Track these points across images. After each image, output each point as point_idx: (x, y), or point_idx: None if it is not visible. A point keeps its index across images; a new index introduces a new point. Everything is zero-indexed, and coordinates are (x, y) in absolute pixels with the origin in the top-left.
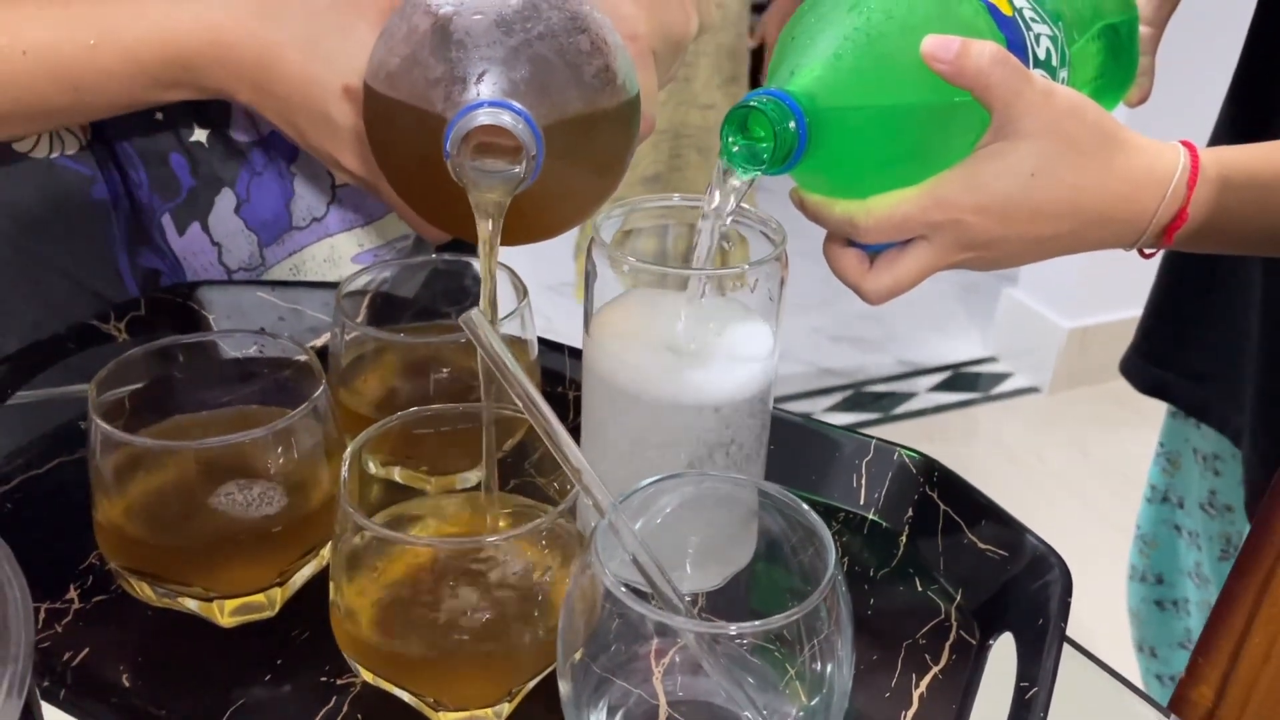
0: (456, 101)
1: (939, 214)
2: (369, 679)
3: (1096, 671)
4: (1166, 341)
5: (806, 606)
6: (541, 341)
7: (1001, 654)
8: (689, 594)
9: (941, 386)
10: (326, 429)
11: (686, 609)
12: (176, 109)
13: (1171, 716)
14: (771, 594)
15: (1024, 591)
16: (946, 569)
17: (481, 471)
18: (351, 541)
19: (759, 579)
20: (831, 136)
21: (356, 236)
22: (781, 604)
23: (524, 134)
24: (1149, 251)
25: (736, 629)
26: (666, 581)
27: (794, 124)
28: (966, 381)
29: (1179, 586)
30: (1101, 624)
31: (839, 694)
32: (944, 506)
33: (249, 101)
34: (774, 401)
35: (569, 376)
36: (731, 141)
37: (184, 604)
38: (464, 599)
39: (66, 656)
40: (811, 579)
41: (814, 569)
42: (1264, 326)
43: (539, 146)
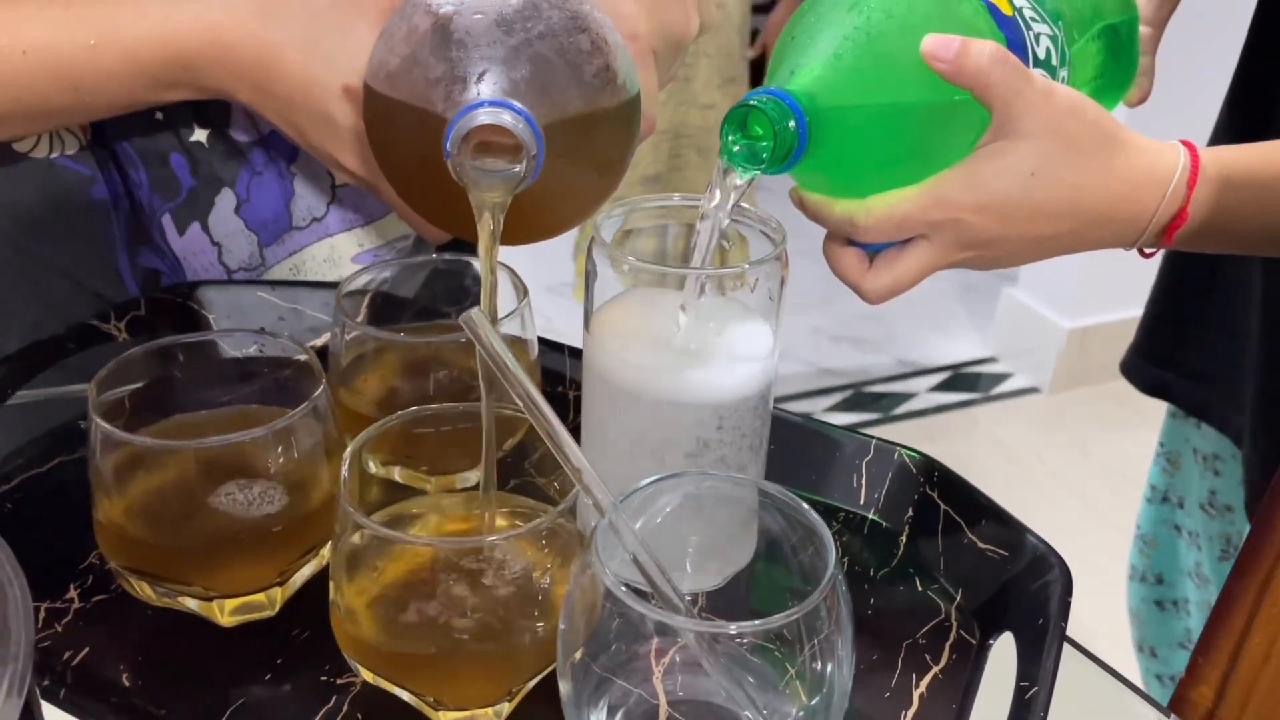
0: (457, 101)
1: (939, 213)
2: (369, 678)
3: (1097, 671)
4: (1167, 341)
5: (807, 606)
6: (541, 341)
7: (1001, 654)
8: (689, 593)
9: (941, 386)
10: (326, 428)
11: (686, 608)
12: (176, 109)
13: (1171, 716)
14: (771, 593)
15: (1024, 591)
16: (947, 569)
17: (481, 471)
18: (351, 541)
19: (759, 578)
20: (831, 136)
21: (356, 236)
22: (782, 603)
23: (524, 133)
24: (1149, 251)
25: (736, 628)
26: (667, 581)
27: (794, 123)
28: (966, 382)
29: (1179, 586)
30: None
31: (839, 693)
32: (944, 506)
33: (249, 101)
34: (774, 401)
35: (569, 376)
36: (731, 140)
37: (184, 603)
38: (464, 598)
39: (66, 656)
40: (811, 578)
41: (814, 568)
42: (1264, 326)
43: (539, 146)
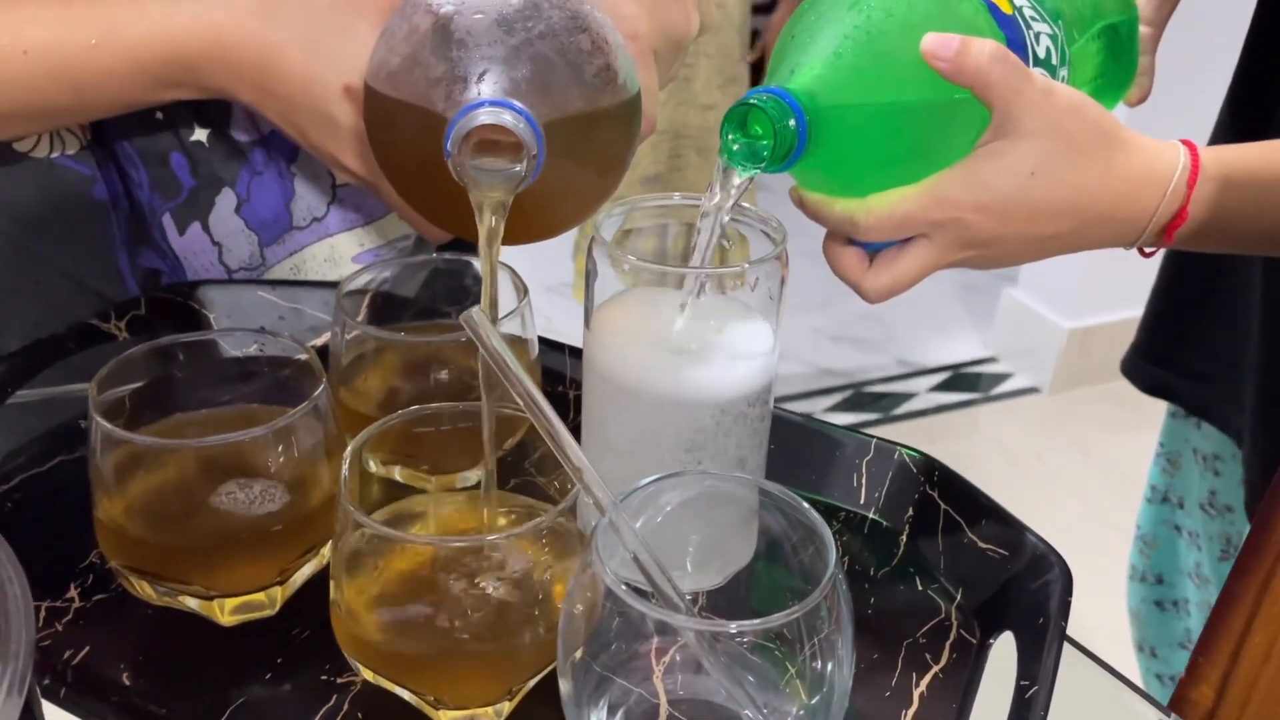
0: (457, 100)
1: (939, 212)
2: (369, 677)
3: (1097, 671)
4: (1168, 341)
5: (807, 605)
6: (542, 341)
7: (1002, 653)
8: (689, 593)
9: (942, 387)
10: (327, 428)
11: (687, 607)
12: (177, 109)
13: (1172, 715)
14: (772, 593)
15: (1024, 591)
16: (947, 568)
17: (482, 470)
18: (352, 540)
19: (759, 578)
20: (831, 134)
21: (357, 236)
22: (782, 603)
23: (525, 133)
24: (1149, 251)
25: (737, 627)
26: (667, 580)
27: (794, 122)
28: (967, 382)
29: (1179, 587)
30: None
31: (839, 693)
32: (944, 506)
33: (250, 101)
34: (774, 401)
35: (569, 376)
36: (731, 139)
37: (184, 602)
38: (464, 598)
39: (67, 655)
40: (812, 578)
41: (814, 568)
42: (1264, 326)
43: (540, 145)
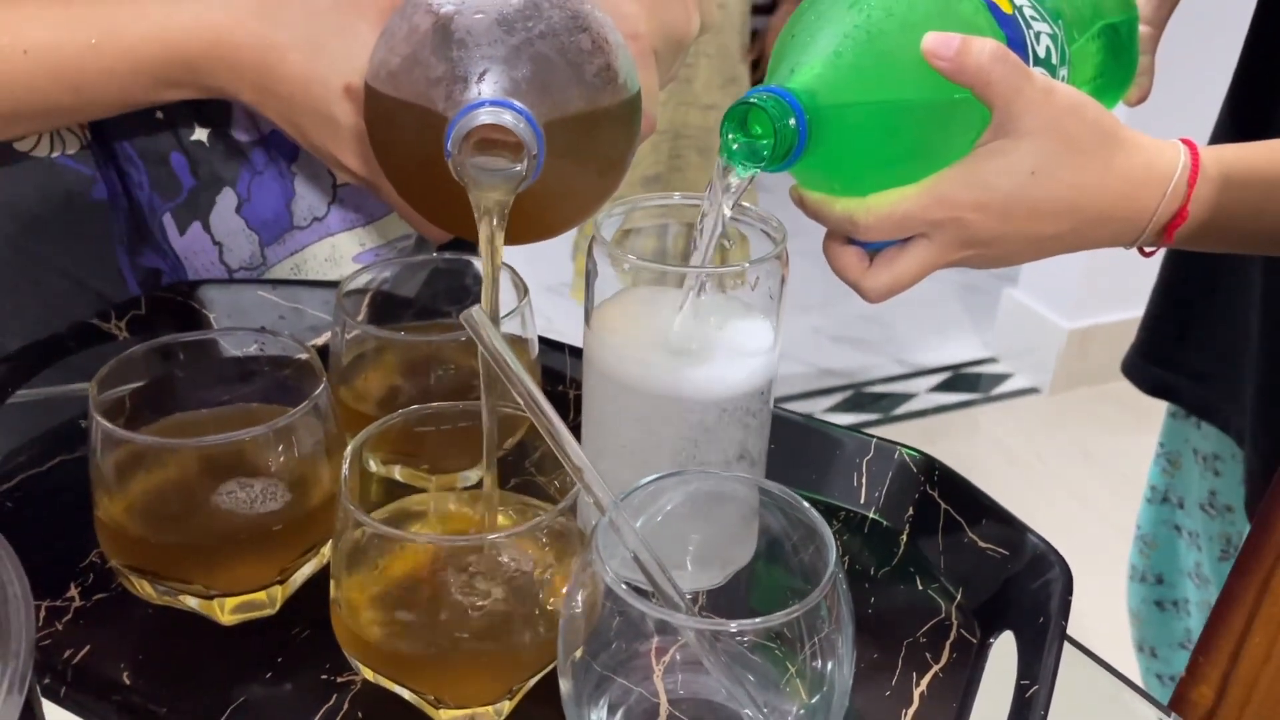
0: (458, 100)
1: (939, 212)
2: (369, 677)
3: (1097, 670)
4: (1168, 341)
5: (807, 604)
6: (542, 340)
7: (1002, 652)
8: (690, 592)
9: (942, 387)
10: (327, 427)
11: (687, 607)
12: (177, 108)
13: (1172, 715)
14: (772, 592)
15: (1024, 590)
16: (947, 568)
17: (482, 470)
18: (352, 539)
19: (760, 577)
20: (832, 134)
21: (358, 236)
22: (782, 602)
23: (525, 133)
24: (1149, 250)
25: (737, 626)
26: (667, 579)
27: (794, 121)
28: (967, 382)
29: (1179, 587)
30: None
31: (839, 692)
32: (944, 505)
33: (251, 101)
34: (774, 402)
35: (569, 375)
36: (732, 139)
37: (184, 602)
38: (465, 597)
39: (67, 654)
40: (812, 577)
41: (814, 567)
42: (1264, 326)
43: (540, 145)
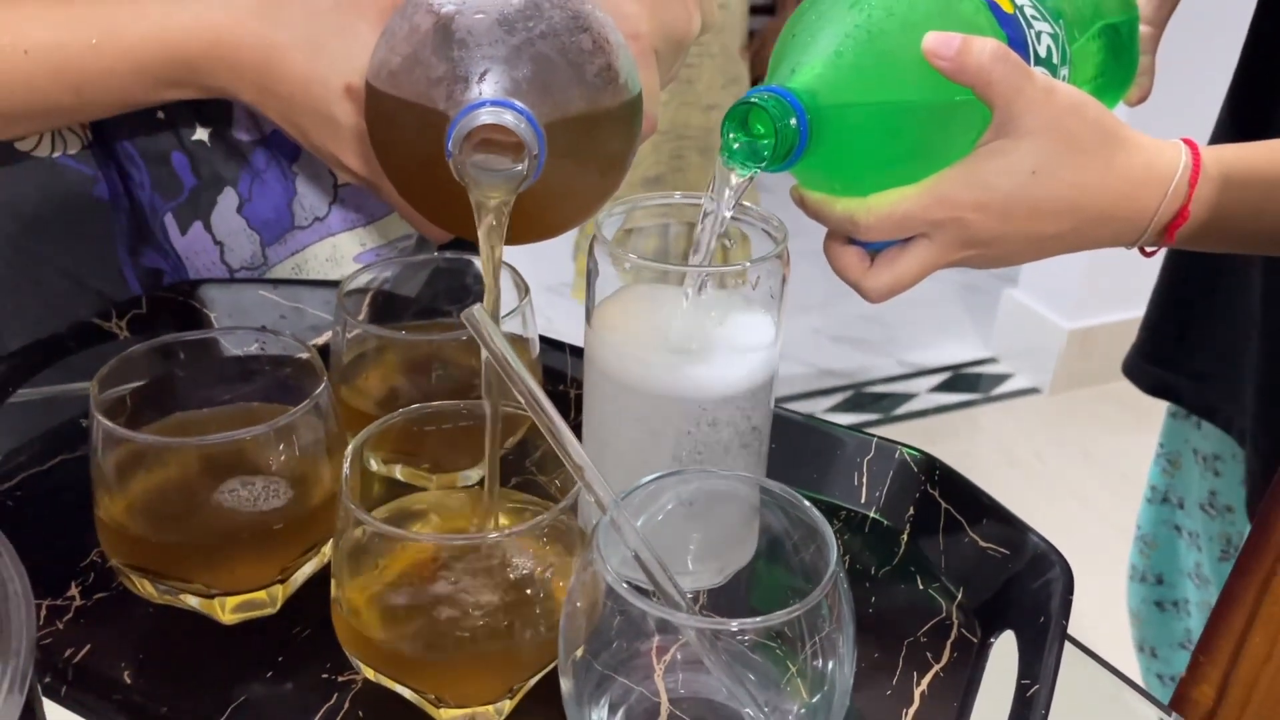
0: (458, 100)
1: (940, 212)
2: (370, 676)
3: (1098, 670)
4: (1169, 342)
5: (808, 603)
6: (542, 340)
7: (1003, 652)
8: (690, 591)
9: (942, 387)
10: (328, 426)
11: (688, 606)
12: (178, 108)
13: (1173, 714)
14: (773, 591)
15: (1025, 590)
16: (948, 567)
17: (483, 469)
18: (353, 538)
19: (760, 576)
20: (832, 133)
21: (359, 236)
22: (783, 601)
23: (526, 133)
24: (1150, 250)
25: (738, 625)
26: (668, 578)
27: (795, 121)
28: (967, 382)
29: (1179, 587)
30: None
31: (840, 691)
32: (945, 505)
33: (251, 101)
34: (775, 402)
35: (570, 375)
36: (732, 138)
37: (185, 601)
38: (465, 596)
39: (68, 653)
40: (813, 576)
41: (815, 566)
42: (1264, 326)
43: (541, 145)
